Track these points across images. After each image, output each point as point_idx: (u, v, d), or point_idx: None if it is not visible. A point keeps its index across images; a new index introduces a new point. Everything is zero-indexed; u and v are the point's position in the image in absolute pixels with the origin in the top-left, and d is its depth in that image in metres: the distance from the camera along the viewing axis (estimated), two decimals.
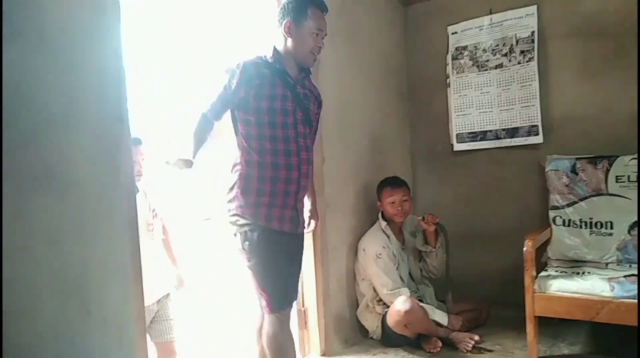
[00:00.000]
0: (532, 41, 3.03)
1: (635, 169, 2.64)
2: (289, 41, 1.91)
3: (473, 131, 3.30)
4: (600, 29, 2.87)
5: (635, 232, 2.62)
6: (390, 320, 2.62)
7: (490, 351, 2.63)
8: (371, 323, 2.79)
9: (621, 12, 2.80)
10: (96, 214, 1.40)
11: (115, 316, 1.44)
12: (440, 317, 2.69)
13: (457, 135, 3.38)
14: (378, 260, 2.72)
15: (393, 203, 2.84)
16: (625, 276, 2.35)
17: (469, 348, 2.59)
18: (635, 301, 2.17)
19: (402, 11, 3.55)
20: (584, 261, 2.72)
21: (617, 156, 2.70)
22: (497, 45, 3.16)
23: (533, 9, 3.03)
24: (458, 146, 3.38)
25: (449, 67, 3.36)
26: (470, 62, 3.27)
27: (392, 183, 2.91)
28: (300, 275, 2.09)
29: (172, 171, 1.83)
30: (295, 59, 1.94)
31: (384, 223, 2.85)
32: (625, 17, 2.79)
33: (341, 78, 2.86)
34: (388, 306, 2.68)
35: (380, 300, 2.75)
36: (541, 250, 2.85)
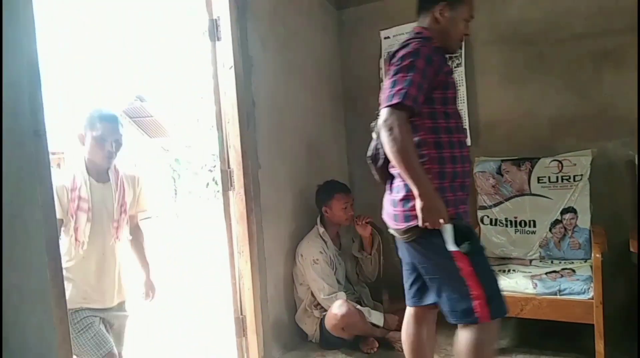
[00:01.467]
0: (460, 47, 3.14)
1: (555, 170, 2.80)
2: (440, 26, 1.76)
3: None
4: (522, 37, 3.01)
5: (556, 230, 2.79)
6: (328, 324, 2.65)
7: None
8: (310, 327, 2.81)
9: (541, 22, 2.96)
10: (12, 236, 1.32)
11: (37, 344, 1.36)
12: (377, 318, 2.75)
13: None
14: (315, 265, 2.74)
15: (345, 208, 2.87)
16: (546, 273, 2.50)
17: None
18: (555, 297, 2.32)
19: (335, 15, 3.58)
20: (510, 258, 2.86)
21: (539, 158, 2.85)
22: None
23: None
24: None
25: (382, 72, 3.42)
26: None
27: (344, 188, 2.94)
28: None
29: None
30: (443, 45, 1.78)
31: (321, 229, 2.87)
32: (545, 26, 2.95)
33: (275, 82, 2.85)
34: (326, 310, 2.71)
35: (318, 304, 2.77)
36: None
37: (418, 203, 1.58)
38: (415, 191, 1.58)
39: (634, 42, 2.71)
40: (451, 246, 1.60)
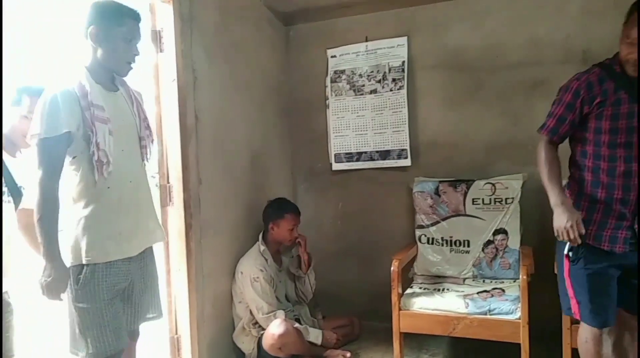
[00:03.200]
0: (403, 70, 3.23)
1: (489, 193, 2.92)
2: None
3: (350, 151, 3.43)
4: (461, 64, 3.14)
5: (488, 250, 2.90)
6: (265, 344, 2.62)
7: None
8: (247, 346, 2.77)
9: (479, 50, 3.10)
10: None
11: None
12: (315, 336, 2.75)
13: (335, 155, 3.49)
14: (255, 283, 2.71)
15: (292, 229, 2.87)
16: (478, 293, 2.60)
17: None
18: (485, 317, 2.41)
19: (284, 31, 3.59)
20: (445, 277, 2.95)
21: (474, 181, 2.97)
22: (372, 71, 3.32)
23: (404, 40, 3.24)
24: (336, 166, 3.50)
25: (328, 89, 3.46)
26: (348, 86, 3.40)
27: (295, 210, 2.95)
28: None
29: None
30: (623, 68, 1.78)
31: (263, 247, 2.85)
32: (483, 54, 3.09)
33: (220, 96, 2.82)
34: (264, 329, 2.69)
35: (257, 322, 2.74)
36: (409, 265, 3.05)
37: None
38: (551, 201, 1.86)
39: (563, 74, 2.87)
40: (565, 250, 1.89)
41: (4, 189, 1.85)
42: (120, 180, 1.70)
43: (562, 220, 1.80)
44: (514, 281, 2.74)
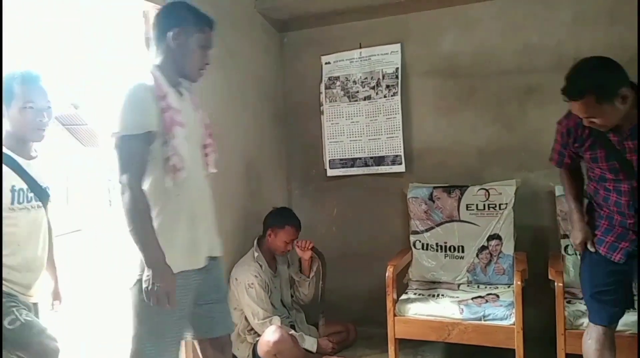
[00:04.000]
0: (396, 77, 3.25)
1: (483, 198, 2.93)
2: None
3: (344, 157, 3.44)
4: (454, 70, 3.16)
5: (482, 255, 2.91)
6: (261, 350, 2.62)
7: None
8: (242, 353, 2.76)
9: (472, 57, 3.11)
10: None
11: None
12: (310, 343, 2.75)
13: (330, 161, 3.50)
14: (250, 289, 2.71)
15: (288, 242, 2.88)
16: (472, 299, 2.61)
17: None
18: (480, 322, 2.42)
19: (277, 38, 3.60)
20: (440, 283, 2.96)
21: (468, 186, 2.98)
22: (366, 78, 3.34)
23: (397, 46, 3.25)
24: (331, 172, 3.50)
25: (323, 96, 3.47)
26: (342, 93, 3.41)
27: (298, 224, 2.94)
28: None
29: None
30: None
31: (257, 253, 2.85)
32: (475, 61, 3.11)
33: (213, 103, 2.81)
34: (259, 336, 2.68)
35: (252, 329, 2.74)
36: (404, 271, 3.05)
37: None
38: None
39: (555, 80, 2.90)
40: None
41: (31, 195, 1.83)
42: (190, 188, 1.66)
43: (573, 236, 2.04)
44: (508, 287, 2.75)
